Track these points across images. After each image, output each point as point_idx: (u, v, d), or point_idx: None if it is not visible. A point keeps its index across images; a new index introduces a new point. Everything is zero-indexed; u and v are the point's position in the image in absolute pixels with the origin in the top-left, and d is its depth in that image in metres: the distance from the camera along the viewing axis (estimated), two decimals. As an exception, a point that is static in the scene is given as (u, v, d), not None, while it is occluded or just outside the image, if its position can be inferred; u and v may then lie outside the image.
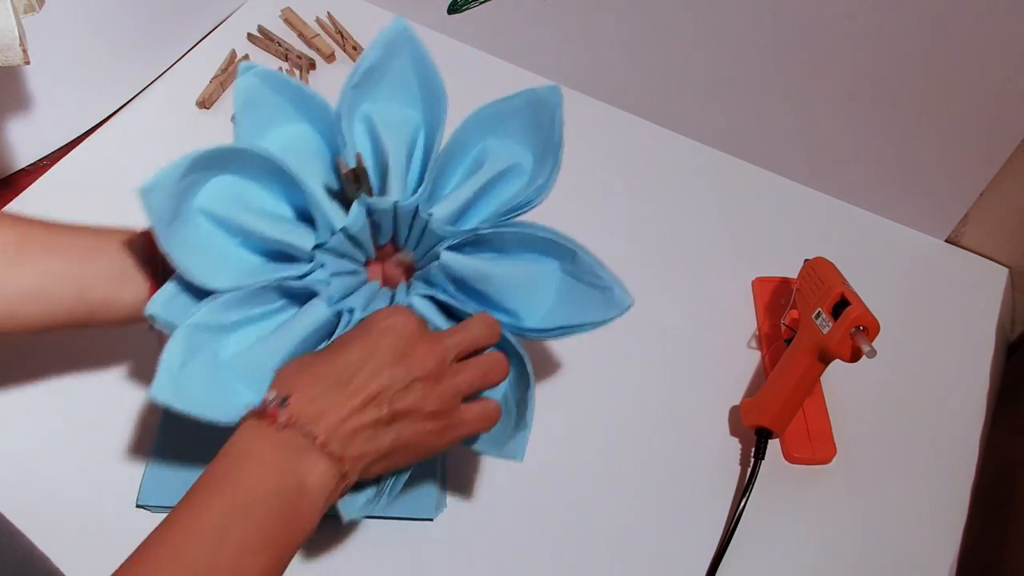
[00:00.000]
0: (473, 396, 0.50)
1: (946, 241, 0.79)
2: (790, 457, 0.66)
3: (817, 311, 0.62)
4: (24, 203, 0.75)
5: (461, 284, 0.52)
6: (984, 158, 0.71)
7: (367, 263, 0.56)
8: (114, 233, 0.52)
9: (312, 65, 0.87)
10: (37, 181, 0.76)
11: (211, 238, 0.50)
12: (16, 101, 0.75)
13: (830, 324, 0.60)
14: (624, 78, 0.83)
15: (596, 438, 0.66)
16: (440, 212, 0.52)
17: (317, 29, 0.90)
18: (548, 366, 0.70)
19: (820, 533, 0.63)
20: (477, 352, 0.50)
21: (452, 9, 0.87)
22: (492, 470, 0.64)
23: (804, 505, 0.64)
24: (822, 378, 0.63)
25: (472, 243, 0.53)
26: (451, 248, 0.52)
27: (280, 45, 0.87)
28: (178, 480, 0.60)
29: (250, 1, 0.91)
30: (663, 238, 0.78)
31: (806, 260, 0.67)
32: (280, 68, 0.86)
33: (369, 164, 0.54)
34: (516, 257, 0.54)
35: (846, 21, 0.68)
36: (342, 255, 0.53)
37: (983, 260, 0.78)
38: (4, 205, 0.75)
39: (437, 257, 0.52)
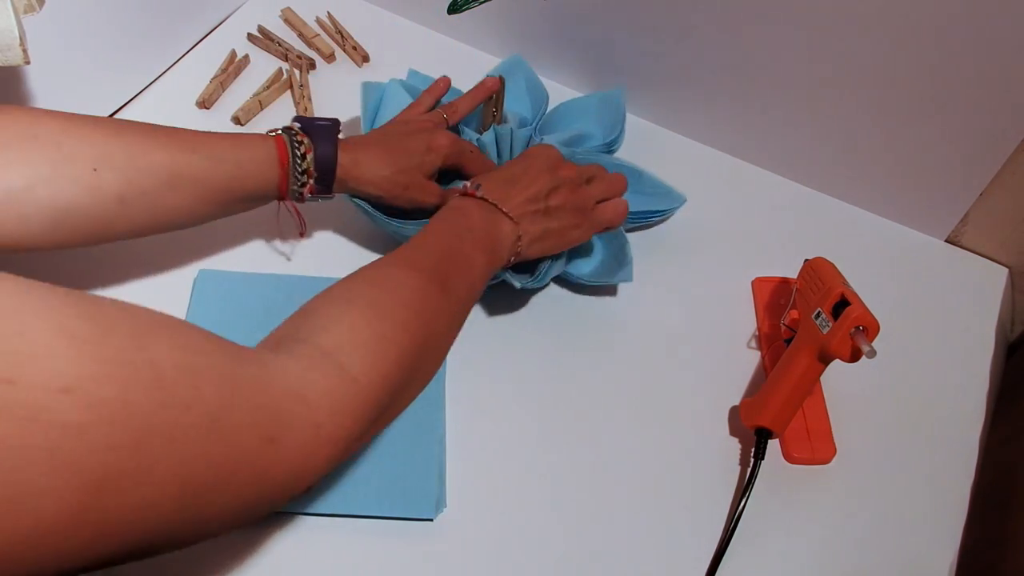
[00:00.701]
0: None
1: (946, 241, 0.79)
2: (790, 457, 0.66)
3: (817, 311, 0.62)
4: (24, 203, 0.75)
5: None
6: (984, 158, 0.71)
7: None
8: (248, 137, 0.63)
9: (312, 65, 0.87)
10: (37, 181, 0.76)
11: None
12: (16, 101, 0.75)
13: (830, 324, 0.60)
14: (622, 78, 0.83)
15: (596, 437, 0.66)
16: (548, 140, 0.76)
17: (317, 29, 0.90)
18: (548, 365, 0.70)
19: (820, 533, 0.63)
20: None
21: (452, 9, 0.87)
22: (492, 471, 0.64)
23: (804, 505, 0.64)
24: (822, 378, 0.63)
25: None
26: None
27: (280, 45, 0.87)
28: None
29: (250, 1, 0.92)
30: (663, 238, 0.78)
31: (806, 260, 0.67)
32: (280, 68, 0.86)
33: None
34: None
35: (846, 22, 0.68)
36: None
37: (983, 260, 0.78)
38: (4, 205, 0.75)
39: None
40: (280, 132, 0.64)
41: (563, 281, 0.74)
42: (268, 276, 0.71)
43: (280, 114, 0.83)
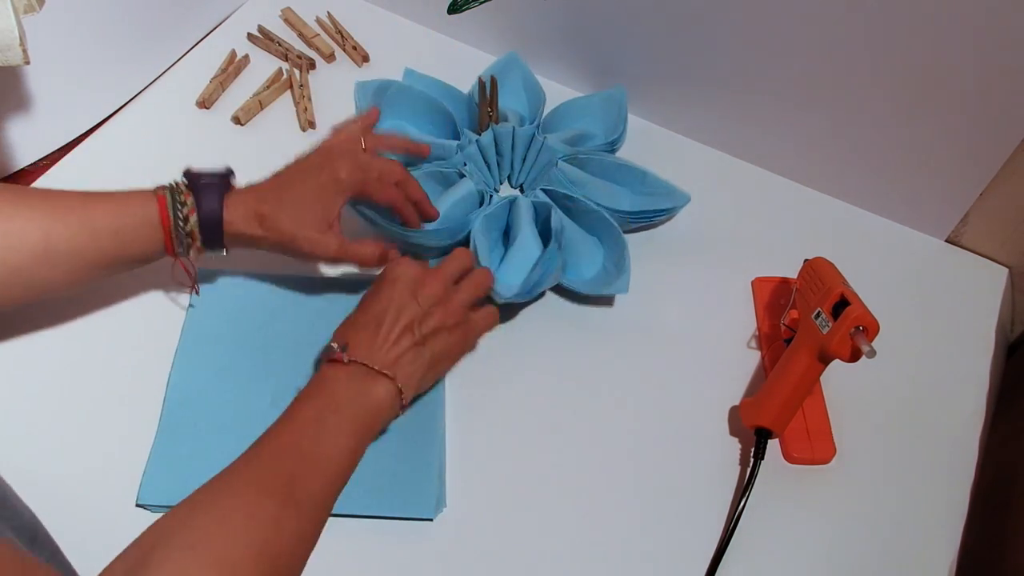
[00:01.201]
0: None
1: (946, 241, 0.79)
2: (790, 457, 0.66)
3: (817, 311, 0.62)
4: (24, 203, 0.75)
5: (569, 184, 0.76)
6: (984, 158, 0.71)
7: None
8: (128, 200, 0.61)
9: (312, 65, 0.87)
10: (37, 181, 0.76)
11: (389, 153, 0.72)
12: (16, 101, 0.75)
13: (830, 324, 0.60)
14: (623, 78, 0.83)
15: (596, 438, 0.66)
16: (551, 139, 0.77)
17: (317, 29, 0.90)
18: (547, 365, 0.70)
19: (820, 533, 0.63)
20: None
21: (452, 9, 0.87)
22: (491, 471, 0.64)
23: (804, 505, 0.64)
24: (822, 378, 0.63)
25: (571, 162, 0.76)
26: (562, 161, 0.76)
27: (280, 45, 0.87)
28: (179, 479, 0.59)
29: (250, 1, 0.92)
30: (663, 238, 0.78)
31: (806, 260, 0.67)
32: (280, 68, 0.86)
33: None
34: (601, 178, 0.77)
35: (846, 22, 0.68)
36: (477, 169, 0.76)
37: (983, 260, 0.78)
38: (4, 205, 0.75)
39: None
40: (165, 190, 0.60)
41: (559, 288, 0.73)
42: (268, 277, 0.71)
43: (280, 114, 0.83)
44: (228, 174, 0.63)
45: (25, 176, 0.78)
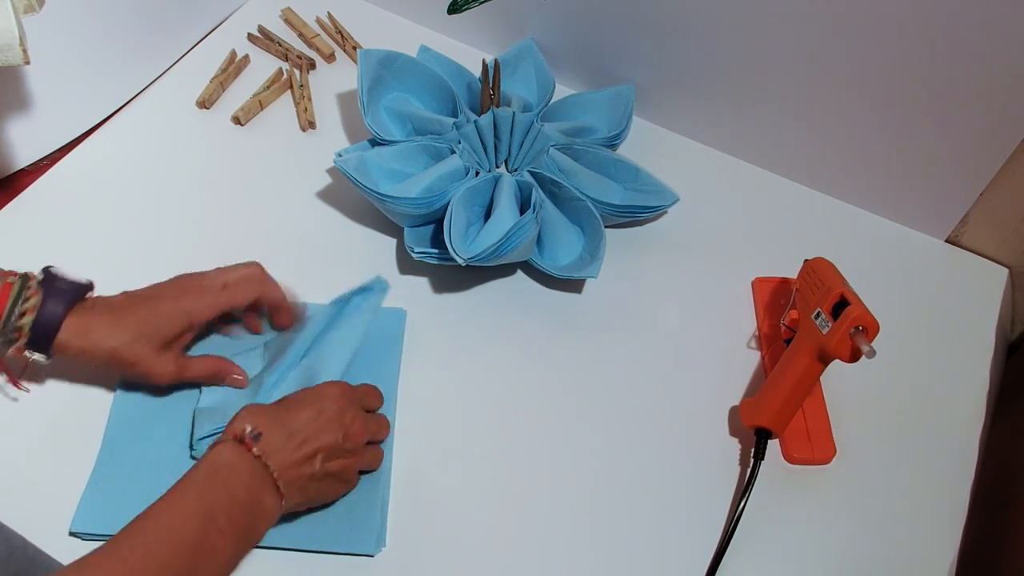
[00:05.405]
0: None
1: (946, 241, 0.79)
2: (790, 457, 0.66)
3: (817, 311, 0.62)
4: (24, 203, 0.75)
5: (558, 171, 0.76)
6: (984, 158, 0.71)
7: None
8: None
9: (312, 65, 0.87)
10: (37, 181, 0.76)
11: (389, 121, 0.78)
12: (16, 101, 0.75)
13: (830, 324, 0.60)
14: (622, 78, 0.83)
15: (595, 438, 0.66)
16: (549, 127, 0.77)
17: (317, 29, 0.90)
18: (546, 366, 0.70)
19: (820, 533, 0.63)
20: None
21: (452, 9, 0.87)
22: (488, 474, 0.64)
23: (804, 505, 0.64)
24: (822, 378, 0.63)
25: (566, 152, 0.76)
26: (555, 149, 0.76)
27: (280, 45, 0.87)
28: (113, 509, 0.58)
29: (250, 1, 0.92)
30: (663, 237, 0.78)
31: (806, 260, 0.67)
32: (280, 68, 0.86)
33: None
34: (594, 171, 0.77)
35: (845, 22, 0.68)
36: (472, 149, 0.77)
37: (983, 260, 0.78)
38: (4, 205, 0.75)
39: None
40: (17, 278, 0.57)
41: (532, 270, 0.74)
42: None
43: (280, 114, 0.83)
44: (87, 286, 0.59)
45: (25, 176, 0.78)
